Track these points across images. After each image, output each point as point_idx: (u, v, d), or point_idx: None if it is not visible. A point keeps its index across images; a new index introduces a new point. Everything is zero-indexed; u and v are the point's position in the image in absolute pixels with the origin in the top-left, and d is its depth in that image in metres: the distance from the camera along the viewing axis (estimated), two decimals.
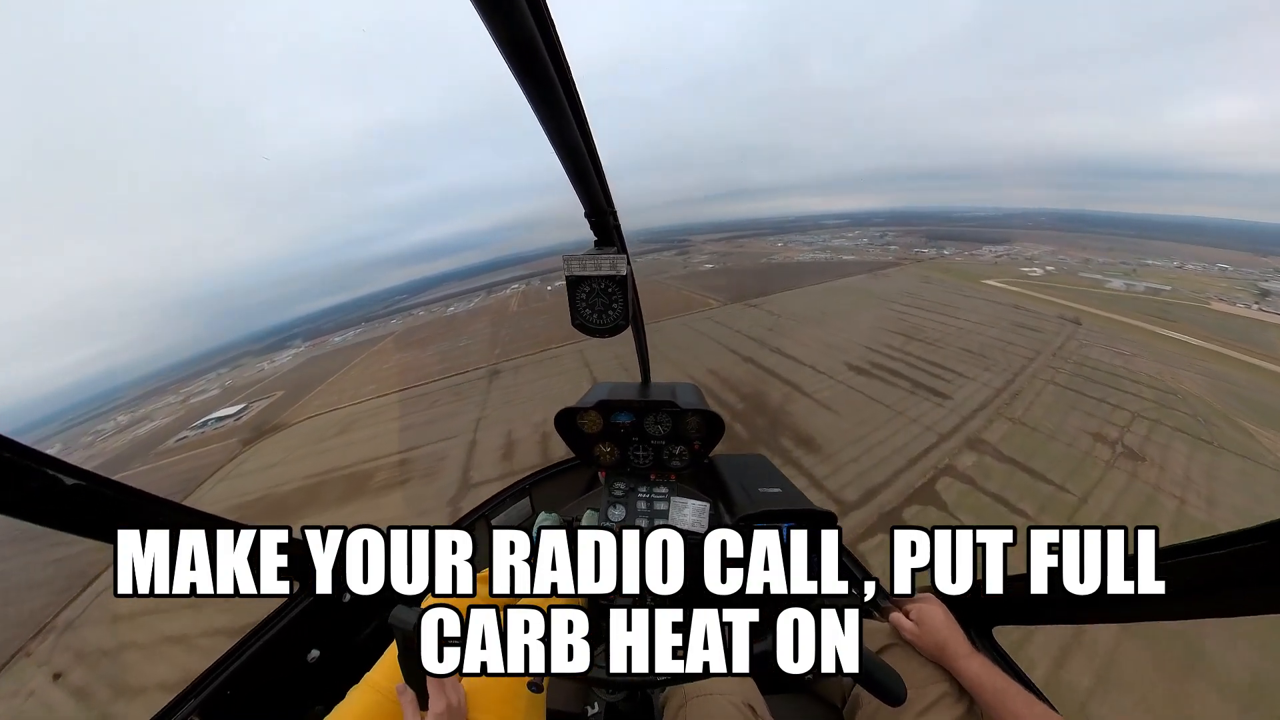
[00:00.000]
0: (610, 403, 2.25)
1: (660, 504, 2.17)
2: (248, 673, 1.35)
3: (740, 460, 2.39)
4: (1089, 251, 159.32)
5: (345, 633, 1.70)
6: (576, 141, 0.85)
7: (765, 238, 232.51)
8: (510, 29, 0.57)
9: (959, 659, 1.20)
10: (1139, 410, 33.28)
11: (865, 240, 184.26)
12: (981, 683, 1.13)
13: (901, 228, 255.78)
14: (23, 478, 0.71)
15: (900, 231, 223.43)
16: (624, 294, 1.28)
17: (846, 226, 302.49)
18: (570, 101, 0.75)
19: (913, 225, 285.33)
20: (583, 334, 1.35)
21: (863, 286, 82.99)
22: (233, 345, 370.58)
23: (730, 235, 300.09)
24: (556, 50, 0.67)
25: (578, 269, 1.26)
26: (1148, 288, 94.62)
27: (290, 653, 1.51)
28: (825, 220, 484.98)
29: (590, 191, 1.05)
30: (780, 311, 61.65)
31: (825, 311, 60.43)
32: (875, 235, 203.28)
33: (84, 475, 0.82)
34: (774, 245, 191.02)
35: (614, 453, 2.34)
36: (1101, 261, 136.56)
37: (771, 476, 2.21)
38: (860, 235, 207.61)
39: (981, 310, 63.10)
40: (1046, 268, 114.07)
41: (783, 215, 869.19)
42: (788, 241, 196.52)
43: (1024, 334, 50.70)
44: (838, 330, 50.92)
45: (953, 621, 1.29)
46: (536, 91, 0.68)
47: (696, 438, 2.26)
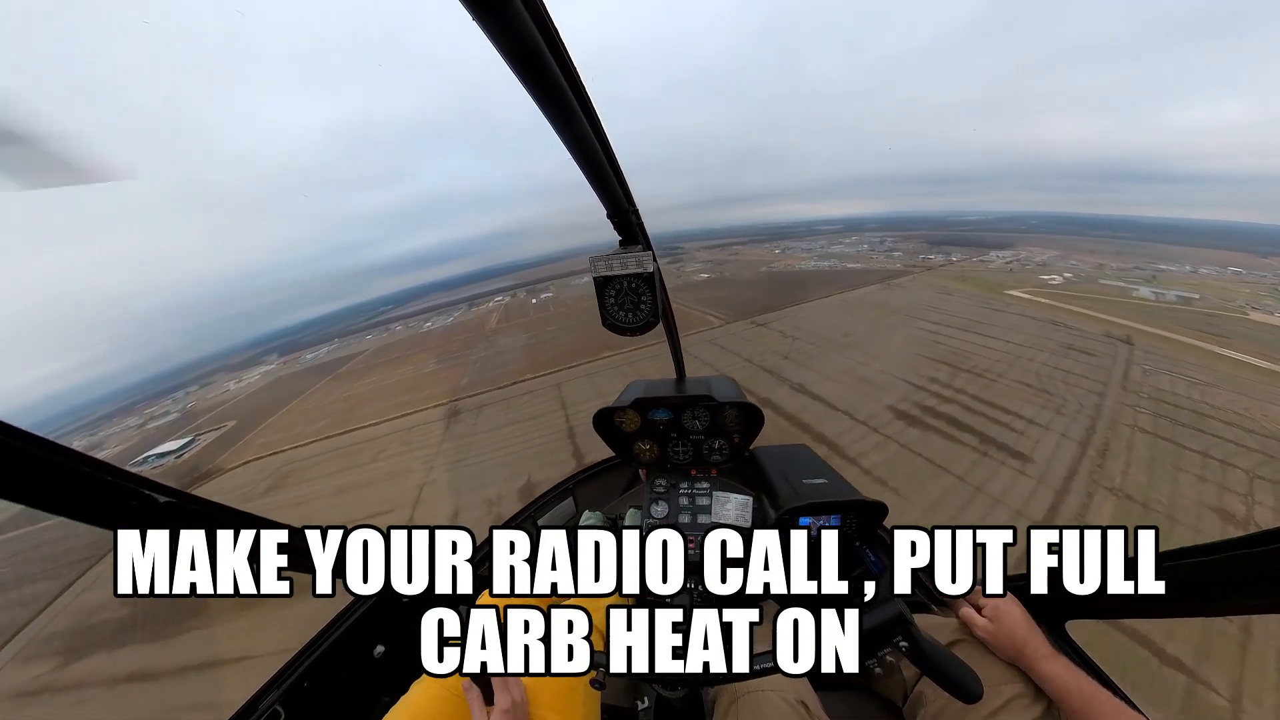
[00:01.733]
0: (646, 400, 2.22)
1: (703, 499, 2.14)
2: (321, 667, 1.46)
3: (782, 451, 2.33)
4: (1098, 256, 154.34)
5: (406, 629, 1.75)
6: (591, 144, 0.84)
7: (760, 244, 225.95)
8: (515, 42, 0.57)
9: (1039, 660, 1.12)
10: (1251, 468, 27.47)
11: (865, 246, 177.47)
12: (1067, 686, 1.05)
13: (897, 233, 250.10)
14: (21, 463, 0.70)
15: (899, 237, 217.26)
16: (652, 291, 1.27)
17: (841, 232, 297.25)
18: (582, 105, 0.75)
19: (908, 230, 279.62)
20: (614, 334, 1.34)
21: (879, 299, 75.31)
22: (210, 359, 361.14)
23: (724, 242, 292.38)
24: (562, 56, 0.66)
25: (605, 269, 1.25)
26: (1178, 297, 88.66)
27: (358, 648, 1.62)
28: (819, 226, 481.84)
29: (610, 192, 1.06)
30: (794, 331, 53.49)
31: (847, 332, 52.51)
32: (875, 241, 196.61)
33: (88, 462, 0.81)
34: (771, 252, 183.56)
35: (653, 450, 2.33)
36: (1115, 267, 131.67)
37: (816, 467, 2.14)
38: (859, 241, 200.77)
39: (1019, 328, 56.33)
40: (1064, 275, 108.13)
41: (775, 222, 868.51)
42: (785, 249, 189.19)
43: (1077, 359, 44.20)
44: (867, 357, 43.01)
45: (1031, 620, 1.21)
46: (547, 100, 0.67)
47: (735, 430, 2.22)
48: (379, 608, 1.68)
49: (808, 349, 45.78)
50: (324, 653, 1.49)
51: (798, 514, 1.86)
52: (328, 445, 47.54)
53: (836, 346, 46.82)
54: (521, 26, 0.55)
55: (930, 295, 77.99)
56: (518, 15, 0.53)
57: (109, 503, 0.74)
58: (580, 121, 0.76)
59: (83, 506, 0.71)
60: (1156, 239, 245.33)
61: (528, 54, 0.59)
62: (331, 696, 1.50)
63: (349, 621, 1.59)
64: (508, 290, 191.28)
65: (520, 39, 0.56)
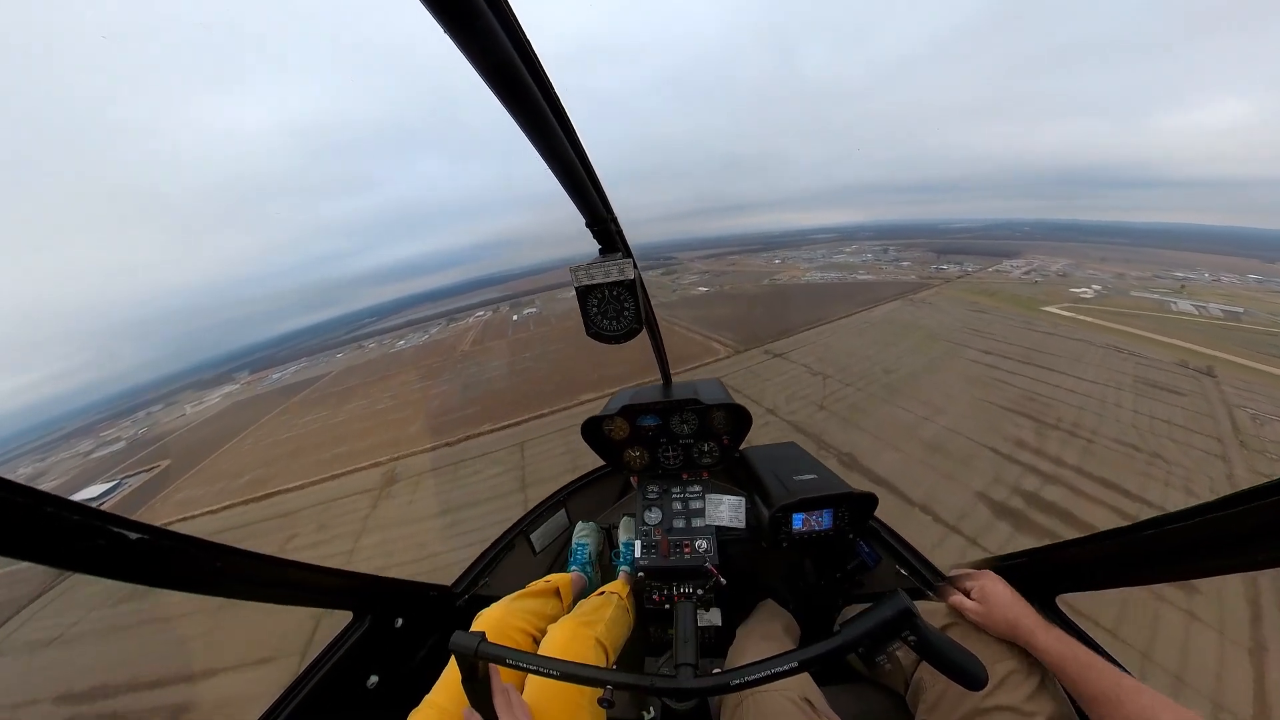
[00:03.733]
0: (634, 406, 2.22)
1: (695, 503, 2.16)
2: (313, 703, 1.40)
3: (772, 450, 2.34)
4: (1111, 264, 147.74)
5: (400, 657, 1.73)
6: (568, 155, 0.84)
7: (757, 254, 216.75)
8: (487, 55, 0.57)
9: (1035, 634, 1.14)
10: None
11: (869, 256, 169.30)
12: (1064, 655, 1.08)
13: (894, 241, 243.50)
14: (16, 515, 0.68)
15: (900, 245, 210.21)
16: (635, 298, 1.28)
17: (837, 241, 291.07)
18: (557, 115, 0.75)
19: (903, 239, 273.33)
20: (599, 343, 1.35)
21: (908, 319, 66.22)
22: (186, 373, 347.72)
23: (719, 252, 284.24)
24: (537, 69, 0.67)
25: (586, 279, 1.24)
26: (1223, 311, 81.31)
27: (351, 681, 1.56)
28: (812, 235, 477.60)
29: (588, 201, 1.05)
30: (822, 365, 43.72)
31: (888, 367, 43.14)
32: (877, 250, 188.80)
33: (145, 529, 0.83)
34: (770, 263, 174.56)
35: (643, 456, 2.33)
36: (1136, 276, 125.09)
37: (806, 463, 2.17)
38: (860, 250, 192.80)
39: (1081, 357, 48.15)
40: (1091, 287, 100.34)
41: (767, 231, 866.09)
42: (785, 259, 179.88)
43: (1167, 402, 36.33)
44: (925, 407, 33.77)
45: (1018, 596, 1.24)
46: (523, 113, 0.68)
47: (724, 432, 2.23)
48: (371, 636, 1.60)
49: (845, 393, 36.34)
50: (314, 687, 1.40)
51: (790, 511, 1.88)
52: (236, 517, 37.81)
53: (882, 389, 37.40)
54: (493, 39, 0.55)
55: (963, 314, 69.34)
56: (489, 28, 0.53)
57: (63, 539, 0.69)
58: (555, 132, 0.76)
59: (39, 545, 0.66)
60: (1155, 244, 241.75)
61: (500, 66, 0.59)
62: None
63: (339, 653, 1.51)
64: (492, 304, 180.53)
65: (493, 52, 0.56)
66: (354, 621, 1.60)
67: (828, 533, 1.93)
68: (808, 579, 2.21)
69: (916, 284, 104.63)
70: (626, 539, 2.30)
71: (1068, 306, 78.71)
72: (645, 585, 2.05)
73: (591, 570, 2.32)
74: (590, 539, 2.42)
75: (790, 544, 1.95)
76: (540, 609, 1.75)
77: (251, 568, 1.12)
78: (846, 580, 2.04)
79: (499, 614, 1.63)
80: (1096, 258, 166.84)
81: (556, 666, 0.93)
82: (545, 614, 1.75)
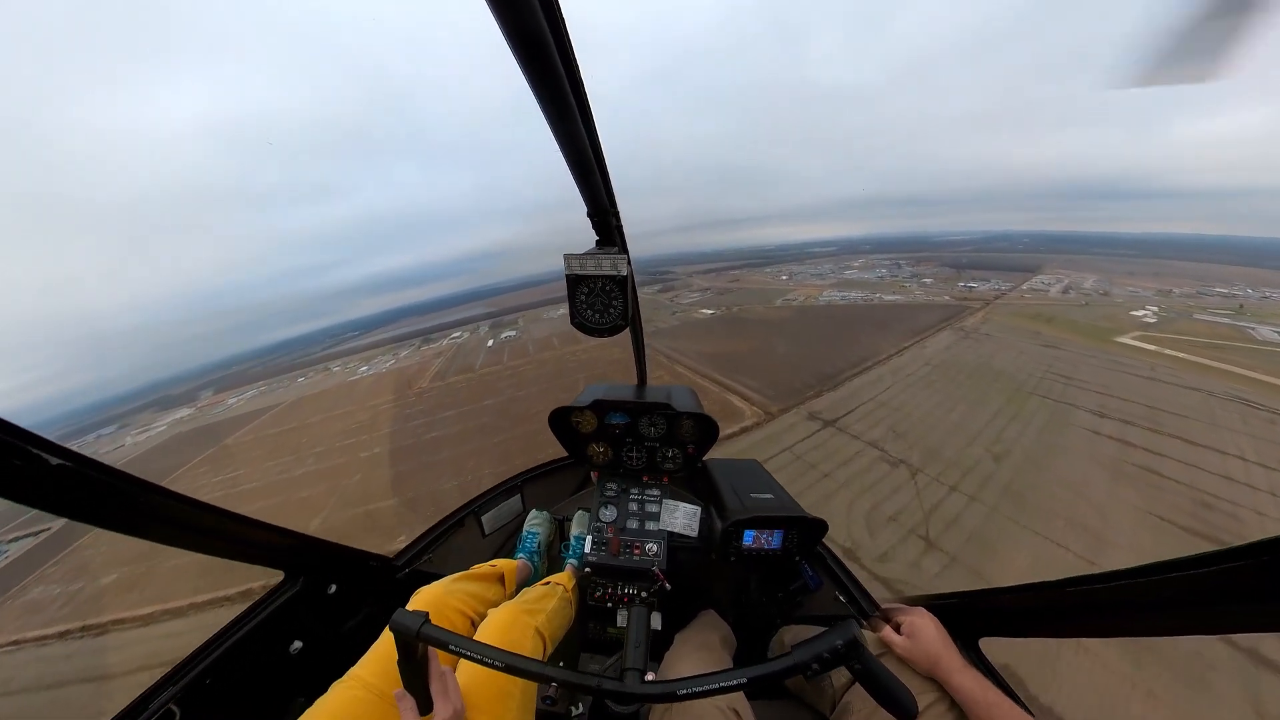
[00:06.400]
0: (605, 402, 2.19)
1: (652, 506, 2.16)
2: (228, 662, 1.35)
3: (734, 465, 2.35)
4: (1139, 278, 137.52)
5: (329, 625, 1.68)
6: (582, 138, 0.82)
7: (759, 269, 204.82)
8: (521, 24, 0.56)
9: (953, 674, 1.20)
10: None
11: (884, 272, 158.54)
12: (975, 697, 1.14)
13: (900, 255, 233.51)
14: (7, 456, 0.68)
15: (910, 260, 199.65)
16: (624, 294, 1.28)
17: (839, 255, 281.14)
18: (577, 96, 0.74)
19: (908, 252, 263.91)
20: (582, 333, 1.35)
21: (974, 358, 54.00)
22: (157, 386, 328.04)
23: (719, 267, 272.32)
24: (566, 46, 0.66)
25: (578, 268, 1.26)
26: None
27: (273, 643, 1.51)
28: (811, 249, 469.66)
29: (594, 190, 1.04)
30: (899, 444, 30.90)
31: (990, 444, 30.93)
32: (890, 265, 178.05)
33: (69, 455, 0.80)
34: (776, 278, 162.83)
35: (607, 453, 2.30)
36: (1182, 294, 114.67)
37: (765, 483, 2.17)
38: (870, 265, 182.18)
39: (1216, 419, 36.93)
40: (1148, 308, 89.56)
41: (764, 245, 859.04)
42: (792, 275, 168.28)
43: None
44: (1075, 529, 22.60)
45: (945, 635, 1.30)
46: (544, 86, 0.66)
47: (690, 441, 2.22)
48: (301, 599, 1.55)
49: (951, 505, 23.95)
50: (232, 646, 1.36)
51: (743, 526, 1.90)
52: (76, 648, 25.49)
53: (1000, 495, 25.26)
54: (531, 13, 0.55)
55: (1033, 350, 57.55)
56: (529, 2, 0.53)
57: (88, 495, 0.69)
58: (574, 114, 0.75)
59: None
60: (1161, 255, 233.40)
61: (532, 40, 0.58)
62: (238, 695, 1.38)
63: (265, 612, 1.46)
64: (472, 322, 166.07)
65: (528, 23, 0.56)
66: (285, 582, 1.54)
67: (776, 552, 1.95)
68: (750, 595, 2.20)
69: (954, 307, 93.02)
70: (578, 532, 2.31)
71: (1141, 336, 68.60)
72: (591, 581, 2.05)
73: (539, 560, 2.30)
74: (542, 528, 2.41)
75: (738, 559, 1.95)
76: (481, 592, 1.72)
77: (186, 513, 1.07)
78: (788, 600, 2.06)
79: (438, 593, 1.59)
80: (1122, 271, 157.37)
81: (502, 658, 0.89)
82: (486, 598, 1.72)
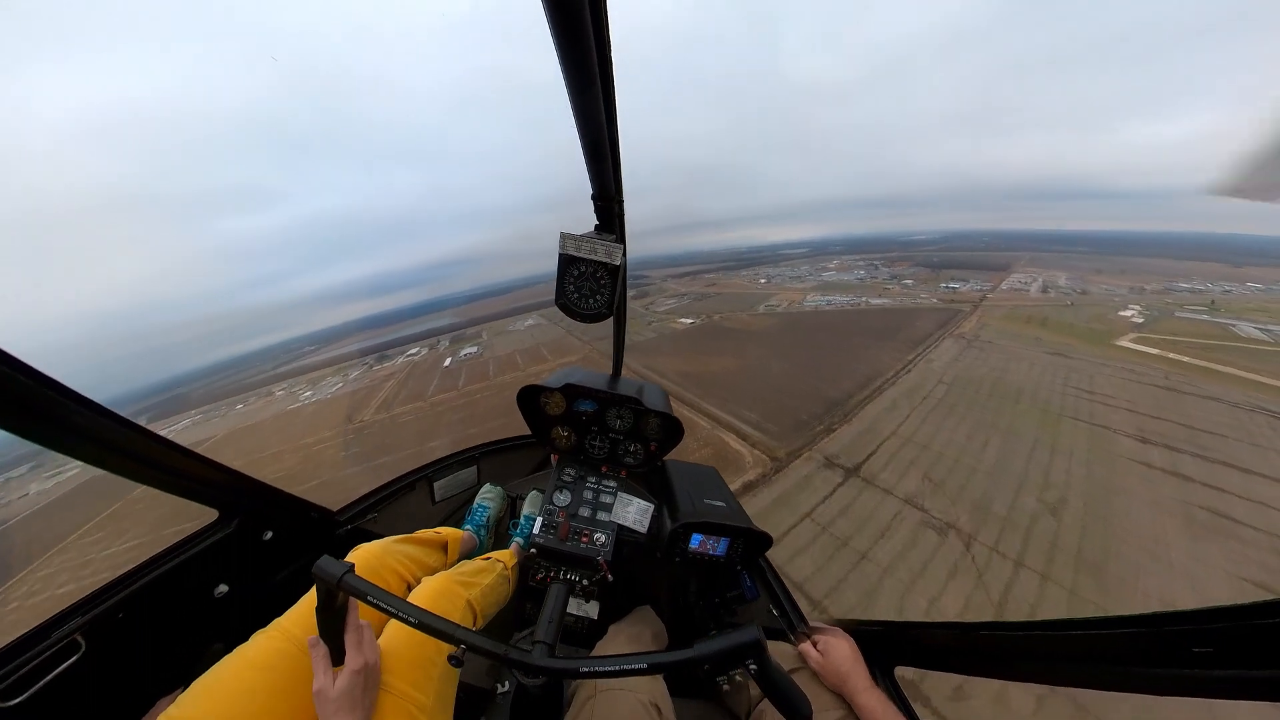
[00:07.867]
0: (576, 387, 2.18)
1: (606, 497, 2.17)
2: (146, 597, 1.29)
3: (692, 469, 2.40)
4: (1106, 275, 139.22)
5: (259, 573, 1.63)
6: (600, 115, 0.81)
7: (735, 272, 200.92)
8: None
9: (858, 692, 1.28)
10: None
11: (862, 273, 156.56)
12: (876, 716, 1.21)
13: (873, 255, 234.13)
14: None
15: (886, 260, 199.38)
16: (613, 284, 1.27)
17: (813, 256, 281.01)
18: (603, 70, 0.73)
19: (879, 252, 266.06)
20: (564, 314, 1.33)
21: (986, 373, 49.59)
22: None
23: (692, 270, 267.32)
24: (602, 23, 0.65)
25: (573, 249, 1.24)
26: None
27: (197, 584, 1.45)
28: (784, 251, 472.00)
29: (603, 173, 1.03)
30: (938, 500, 25.61)
31: (1039, 490, 25.75)
32: (866, 266, 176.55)
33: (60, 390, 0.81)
34: (755, 282, 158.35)
35: (571, 438, 2.29)
36: (1152, 290, 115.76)
37: (719, 491, 2.22)
38: (846, 266, 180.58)
39: (1258, 439, 34.28)
40: (1132, 308, 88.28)
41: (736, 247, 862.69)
42: (769, 278, 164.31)
43: None
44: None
45: (858, 656, 1.38)
46: (573, 59, 0.65)
47: (654, 439, 2.23)
48: (233, 542, 1.49)
49: (1017, 583, 18.73)
50: (152, 581, 1.30)
51: (691, 529, 1.94)
52: None
53: (1067, 559, 21.06)
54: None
55: (1042, 359, 53.77)
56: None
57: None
58: (597, 92, 0.74)
59: None
60: (1115, 252, 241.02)
61: (572, 10, 0.56)
62: (151, 633, 1.31)
63: (192, 551, 1.40)
64: (433, 336, 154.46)
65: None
66: (218, 522, 1.49)
67: (719, 559, 2.00)
68: (688, 597, 2.25)
69: (944, 310, 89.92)
70: (529, 512, 2.38)
71: (1138, 339, 66.88)
72: (534, 563, 2.06)
73: (485, 534, 2.30)
74: (494, 503, 2.42)
75: (682, 560, 1.99)
76: (422, 558, 1.69)
77: (121, 436, 1.02)
78: (723, 607, 2.12)
79: (377, 551, 1.55)
80: (1089, 269, 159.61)
81: (415, 614, 0.89)
82: (426, 564, 1.70)
